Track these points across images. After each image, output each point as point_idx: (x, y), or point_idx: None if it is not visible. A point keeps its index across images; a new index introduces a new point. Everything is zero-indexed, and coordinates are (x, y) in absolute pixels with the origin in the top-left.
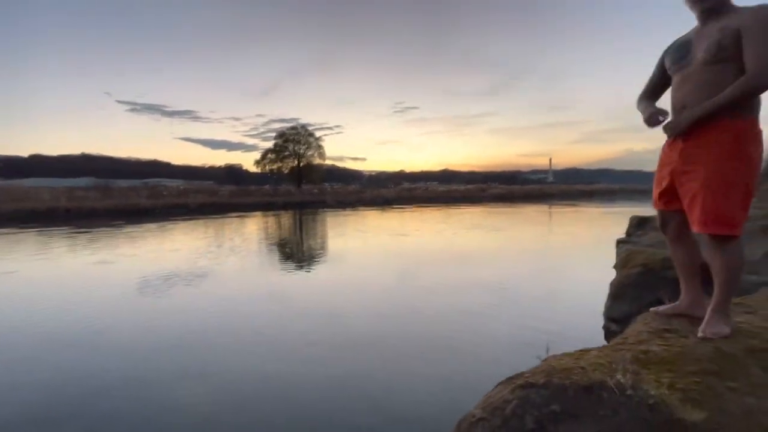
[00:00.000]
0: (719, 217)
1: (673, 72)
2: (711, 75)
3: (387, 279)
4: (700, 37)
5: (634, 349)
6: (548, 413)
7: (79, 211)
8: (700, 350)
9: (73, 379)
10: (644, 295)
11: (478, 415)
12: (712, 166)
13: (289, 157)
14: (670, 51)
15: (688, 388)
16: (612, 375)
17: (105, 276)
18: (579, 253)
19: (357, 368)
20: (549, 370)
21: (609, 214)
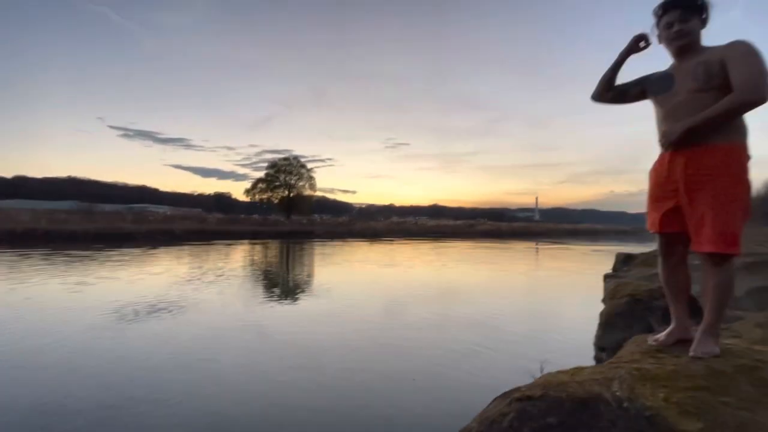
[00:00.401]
0: (728, 237)
1: (659, 102)
2: (704, 102)
3: (376, 310)
4: (681, 71)
5: (628, 367)
6: (545, 425)
7: (58, 234)
8: (692, 368)
9: (34, 408)
10: (633, 324)
11: (475, 429)
12: (721, 188)
13: (280, 187)
14: (652, 81)
15: (683, 401)
16: (608, 388)
17: (73, 302)
18: (567, 287)
19: (343, 399)
20: (545, 384)
21: (594, 252)
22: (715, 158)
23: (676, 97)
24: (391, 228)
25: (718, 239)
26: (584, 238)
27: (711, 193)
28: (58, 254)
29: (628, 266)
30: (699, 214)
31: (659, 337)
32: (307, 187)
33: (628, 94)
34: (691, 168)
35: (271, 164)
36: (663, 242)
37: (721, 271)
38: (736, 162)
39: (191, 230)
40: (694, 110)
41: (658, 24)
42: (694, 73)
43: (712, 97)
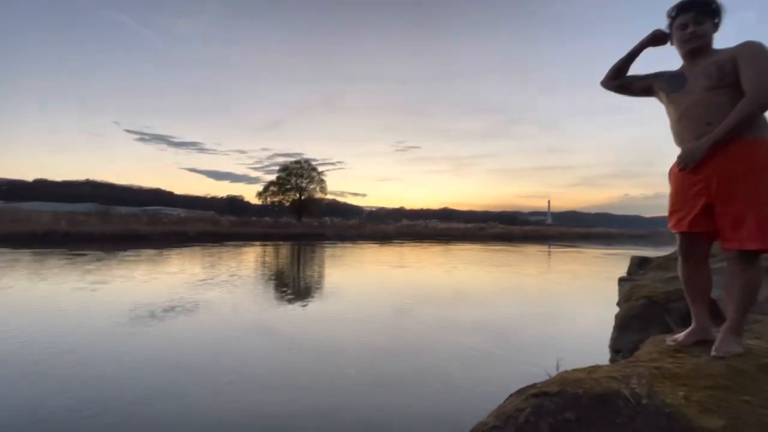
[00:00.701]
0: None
1: (672, 101)
2: (718, 99)
3: (388, 312)
4: (692, 71)
5: (647, 366)
6: (562, 420)
7: (76, 235)
8: (713, 367)
9: (49, 406)
10: (649, 326)
11: (491, 423)
12: (759, 183)
13: (291, 190)
14: (663, 80)
15: (703, 400)
16: (627, 385)
17: (89, 301)
18: (580, 291)
19: (358, 398)
20: (561, 380)
21: (608, 255)
22: (751, 152)
23: (690, 96)
24: (401, 231)
25: (761, 235)
26: (598, 242)
27: (750, 188)
28: (77, 255)
29: (643, 269)
30: (737, 210)
31: (678, 337)
32: (317, 190)
33: (633, 86)
34: (724, 164)
35: (282, 167)
36: (686, 242)
37: (751, 269)
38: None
39: (204, 232)
40: (710, 109)
41: (672, 25)
42: (707, 72)
43: (725, 94)
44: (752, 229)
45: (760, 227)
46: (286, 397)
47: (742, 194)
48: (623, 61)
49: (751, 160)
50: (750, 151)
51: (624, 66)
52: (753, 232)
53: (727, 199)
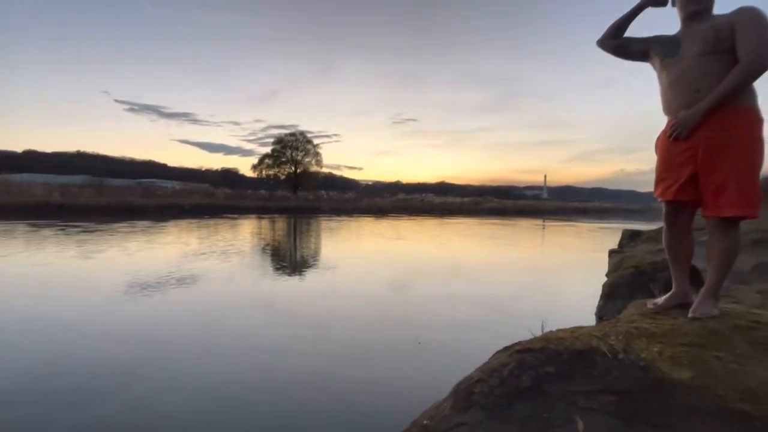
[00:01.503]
0: (751, 200)
1: (664, 66)
2: (712, 66)
3: (381, 283)
4: (688, 35)
5: (626, 325)
6: (544, 374)
7: (71, 207)
8: (688, 327)
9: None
10: (636, 294)
11: (477, 377)
12: (746, 149)
13: (286, 163)
14: (659, 43)
15: (676, 355)
16: (605, 342)
17: (88, 272)
18: (571, 262)
19: (352, 364)
20: (545, 338)
21: (601, 229)
22: (735, 121)
23: (682, 62)
24: (397, 205)
25: (741, 202)
26: (593, 217)
27: (733, 156)
28: (73, 226)
29: (634, 242)
30: (720, 178)
31: (658, 301)
32: (313, 163)
33: (630, 48)
34: (711, 132)
35: (277, 140)
36: (670, 210)
37: (730, 236)
38: (754, 123)
39: (200, 205)
40: (702, 75)
41: None
42: (703, 36)
43: (720, 60)
44: (732, 197)
45: (740, 195)
46: (282, 363)
47: (724, 162)
48: (623, 20)
49: (735, 129)
50: (734, 118)
51: (623, 25)
52: (733, 199)
53: (711, 168)
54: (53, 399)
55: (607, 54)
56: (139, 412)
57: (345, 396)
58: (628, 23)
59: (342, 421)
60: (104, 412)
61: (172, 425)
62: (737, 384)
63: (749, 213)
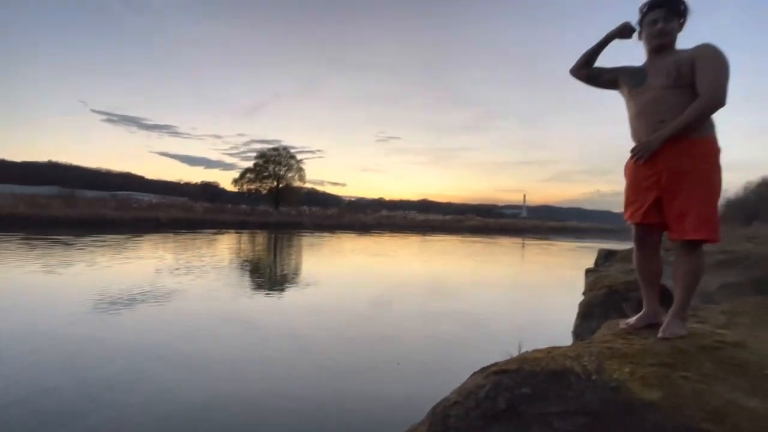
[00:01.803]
0: (711, 225)
1: (632, 96)
2: (674, 99)
3: (363, 301)
4: (653, 67)
5: (599, 346)
6: (519, 395)
7: (38, 219)
8: (658, 347)
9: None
10: (610, 313)
11: (453, 399)
12: (700, 178)
13: (269, 177)
14: (627, 74)
15: (647, 375)
16: (579, 362)
17: (49, 288)
18: (550, 281)
19: (331, 382)
20: (521, 359)
21: (578, 248)
22: (695, 150)
23: (648, 93)
24: (380, 221)
25: (702, 227)
26: (570, 236)
27: (693, 183)
28: (38, 239)
29: (609, 261)
30: (682, 203)
31: (630, 321)
32: (296, 178)
33: (601, 78)
34: (673, 160)
35: (260, 154)
36: (639, 232)
37: (694, 258)
38: (712, 153)
39: (177, 218)
40: (665, 107)
41: (642, 21)
42: (667, 70)
43: (681, 94)
44: (694, 222)
45: (700, 220)
46: (260, 384)
47: (686, 189)
48: (592, 51)
49: (695, 158)
50: (695, 149)
51: (593, 55)
52: (694, 224)
53: (674, 194)
54: (6, 421)
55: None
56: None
57: (320, 420)
58: (598, 54)
59: None
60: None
61: None
62: (704, 404)
63: (710, 237)
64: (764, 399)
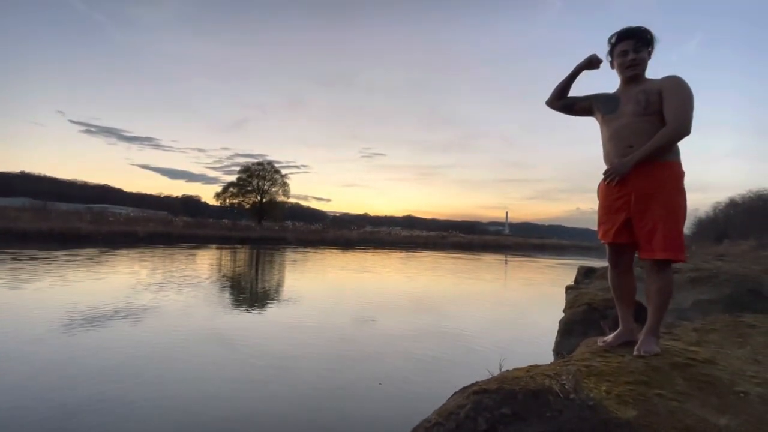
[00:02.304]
0: (678, 244)
1: (605, 121)
2: (644, 126)
3: (344, 319)
4: (625, 95)
5: (578, 364)
6: (499, 416)
7: (6, 232)
8: (633, 365)
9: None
10: (589, 330)
11: (434, 420)
12: (669, 200)
13: (252, 192)
14: (600, 101)
15: (622, 393)
16: (557, 381)
17: (15, 305)
18: (532, 298)
19: (312, 402)
20: (501, 378)
21: (559, 265)
22: (662, 173)
23: (620, 119)
24: (364, 237)
25: (670, 246)
26: (551, 253)
27: (660, 204)
28: (4, 254)
29: (589, 279)
30: (650, 224)
31: (608, 339)
32: (280, 193)
33: (575, 107)
34: (641, 183)
35: (243, 168)
36: (612, 251)
37: (664, 276)
38: (677, 176)
39: (156, 233)
40: (635, 133)
41: (612, 51)
42: (636, 99)
43: (650, 122)
44: (661, 242)
45: (667, 240)
46: (233, 405)
47: (653, 210)
48: (565, 83)
49: (662, 181)
50: (661, 172)
51: (566, 87)
52: (661, 244)
53: (642, 215)
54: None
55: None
56: None
57: None
58: (570, 85)
59: None
60: None
61: None
62: (677, 422)
63: (677, 256)
64: (733, 416)
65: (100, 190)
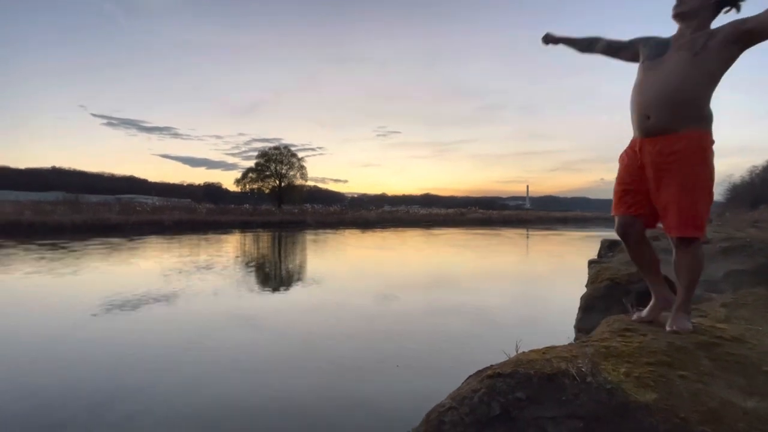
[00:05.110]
0: (694, 221)
1: (645, 67)
2: (690, 72)
3: (366, 298)
4: (679, 40)
5: (596, 345)
6: (513, 400)
7: (43, 226)
8: (655, 344)
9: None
10: (612, 306)
11: (447, 405)
12: (685, 174)
13: (270, 176)
14: (647, 45)
15: (642, 375)
16: (574, 364)
17: (60, 292)
18: (554, 272)
19: (337, 384)
20: (516, 361)
21: (583, 238)
22: (681, 144)
23: (664, 64)
24: (383, 217)
25: (684, 224)
26: (574, 226)
27: (677, 178)
28: (46, 245)
29: (612, 252)
30: (666, 199)
31: (642, 313)
32: (298, 176)
33: (620, 53)
34: (659, 154)
35: (261, 153)
36: (620, 224)
37: (690, 252)
38: (702, 148)
39: (181, 221)
40: (677, 79)
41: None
42: (693, 41)
43: (700, 72)
44: (674, 219)
45: (679, 217)
46: (271, 384)
47: (670, 183)
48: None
49: (679, 153)
50: (676, 144)
51: (576, 45)
52: (674, 221)
53: (657, 189)
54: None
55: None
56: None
57: (320, 418)
58: (574, 44)
59: None
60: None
61: None
62: (700, 405)
63: (690, 234)
64: (761, 399)
65: (126, 181)
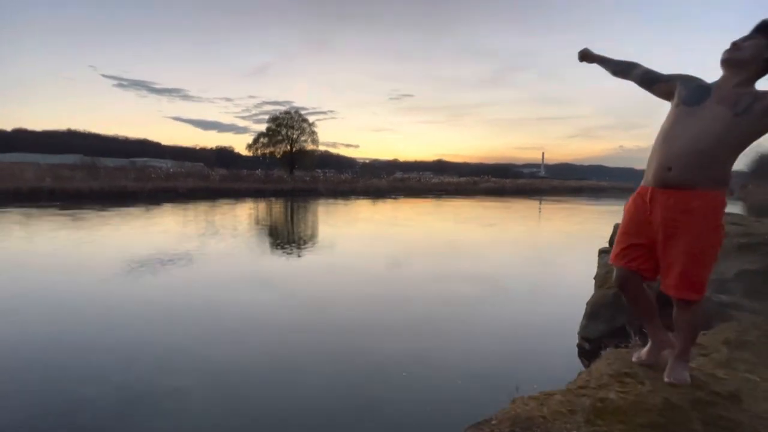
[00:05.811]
0: (694, 285)
1: (678, 112)
2: (727, 134)
3: (378, 270)
4: (721, 91)
5: (594, 396)
6: None
7: (63, 192)
8: (651, 400)
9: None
10: (617, 316)
11: None
12: (695, 236)
13: (282, 141)
14: (686, 86)
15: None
16: (572, 419)
17: (87, 258)
18: (565, 251)
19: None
20: (514, 418)
21: (597, 213)
22: (697, 203)
23: (700, 114)
24: (394, 185)
25: (684, 286)
26: (589, 196)
27: (686, 238)
28: (67, 213)
29: None
30: (671, 259)
31: (641, 355)
32: (309, 141)
33: (654, 86)
34: (673, 209)
35: (272, 117)
36: (619, 276)
37: (690, 311)
38: (716, 209)
39: (195, 188)
40: (711, 139)
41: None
42: (737, 99)
43: (735, 135)
44: (676, 279)
45: (681, 279)
46: (285, 345)
47: (678, 242)
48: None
49: (694, 211)
50: (694, 200)
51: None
52: (676, 282)
53: (664, 246)
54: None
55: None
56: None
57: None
58: (609, 65)
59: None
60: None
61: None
62: None
63: (688, 296)
64: None
65: (140, 144)
